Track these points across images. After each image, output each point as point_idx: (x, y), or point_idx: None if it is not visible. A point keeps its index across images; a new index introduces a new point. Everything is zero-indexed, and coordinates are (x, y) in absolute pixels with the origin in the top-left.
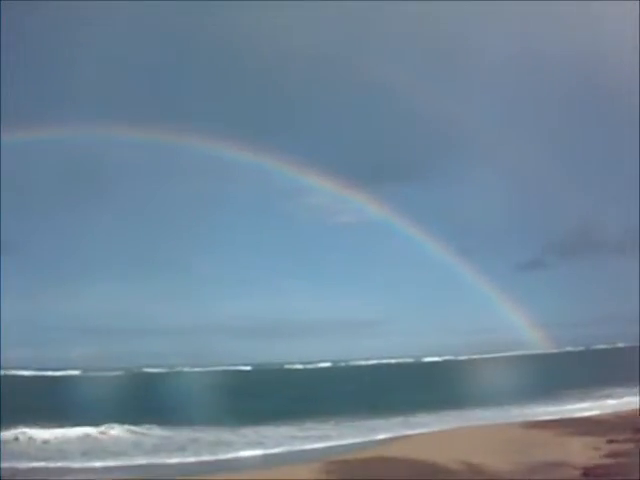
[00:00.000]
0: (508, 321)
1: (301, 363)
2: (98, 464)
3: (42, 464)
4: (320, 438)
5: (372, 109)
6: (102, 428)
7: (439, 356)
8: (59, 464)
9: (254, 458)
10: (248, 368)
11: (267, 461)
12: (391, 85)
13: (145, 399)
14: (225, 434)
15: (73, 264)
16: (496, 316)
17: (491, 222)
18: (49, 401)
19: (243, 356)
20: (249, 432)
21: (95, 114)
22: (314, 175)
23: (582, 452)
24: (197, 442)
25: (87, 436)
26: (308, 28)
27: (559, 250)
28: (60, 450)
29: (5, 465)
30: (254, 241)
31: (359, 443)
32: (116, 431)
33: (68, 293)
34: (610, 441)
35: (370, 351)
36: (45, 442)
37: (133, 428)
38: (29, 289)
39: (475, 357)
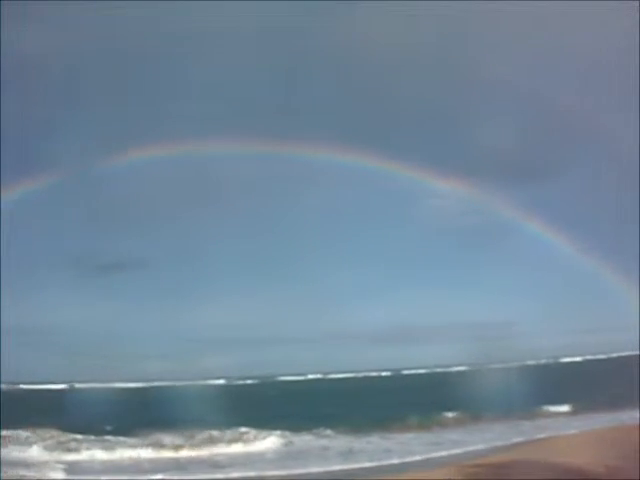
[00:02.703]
0: None
1: (436, 367)
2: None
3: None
4: (455, 443)
5: (492, 109)
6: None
7: (576, 356)
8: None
9: (391, 466)
10: (388, 373)
11: (403, 467)
12: (513, 83)
13: (278, 406)
14: (351, 441)
15: (202, 277)
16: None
17: (622, 222)
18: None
19: (375, 362)
20: (375, 439)
21: (211, 129)
22: (439, 178)
23: None
24: (328, 449)
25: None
26: (417, 29)
27: None
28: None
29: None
30: (380, 247)
31: (495, 447)
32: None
33: (200, 305)
34: None
35: (501, 353)
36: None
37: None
38: (161, 303)
39: (614, 356)
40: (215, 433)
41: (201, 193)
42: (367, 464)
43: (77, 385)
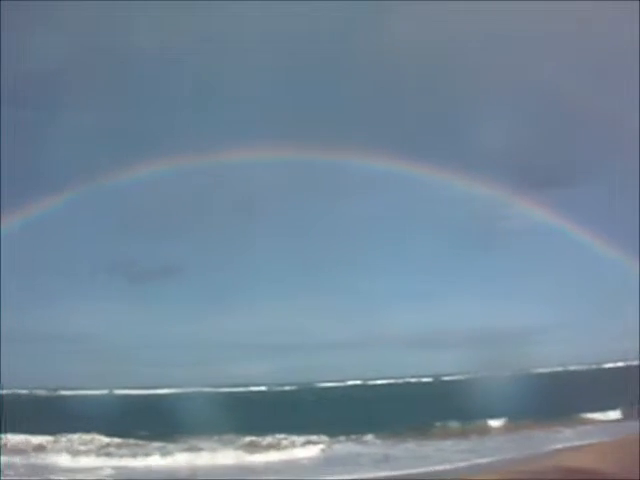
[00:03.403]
0: None
1: (477, 373)
2: None
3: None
4: (495, 450)
5: (533, 112)
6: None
7: (620, 361)
8: None
9: (425, 473)
10: (429, 379)
11: (438, 475)
12: (552, 86)
13: (317, 412)
14: (388, 448)
15: (237, 284)
16: None
17: None
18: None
19: (416, 368)
20: (412, 446)
21: (244, 136)
22: (478, 182)
23: None
24: (362, 456)
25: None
26: (448, 30)
27: None
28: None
29: None
30: (415, 251)
31: (536, 454)
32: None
33: (235, 312)
34: None
35: (544, 358)
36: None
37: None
38: (197, 310)
39: None
40: (253, 439)
41: (235, 200)
42: (401, 472)
43: (116, 391)
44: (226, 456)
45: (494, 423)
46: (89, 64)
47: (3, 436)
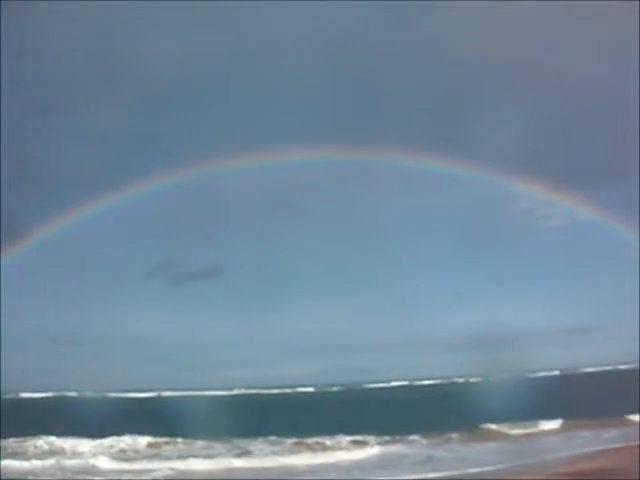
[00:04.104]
0: None
1: (527, 373)
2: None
3: None
4: (542, 451)
5: (574, 108)
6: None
7: None
8: None
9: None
10: (478, 379)
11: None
12: (594, 83)
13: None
14: (432, 449)
15: (281, 285)
16: None
17: None
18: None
19: (464, 368)
20: (456, 447)
21: (289, 137)
22: (521, 180)
23: None
24: (406, 457)
25: None
26: (495, 28)
27: None
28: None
29: None
30: (464, 250)
31: (583, 454)
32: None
33: (279, 313)
34: None
35: (588, 358)
36: None
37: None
38: (241, 311)
39: None
40: (300, 441)
41: (277, 201)
42: (444, 473)
43: (164, 394)
44: (273, 458)
45: (540, 424)
46: (124, 68)
47: (53, 439)
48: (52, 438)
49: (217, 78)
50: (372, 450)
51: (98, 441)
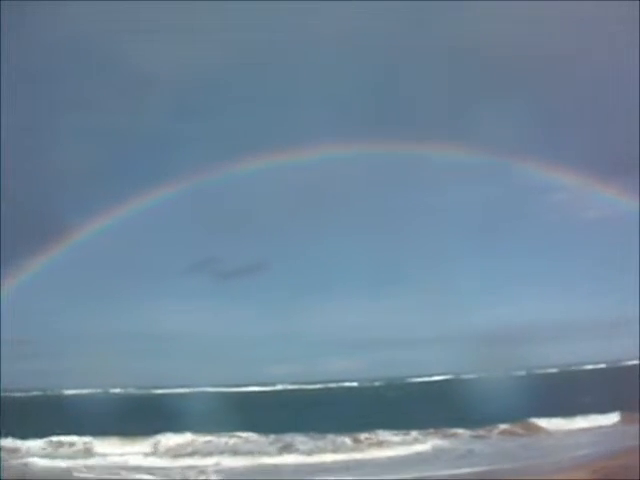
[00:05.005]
0: None
1: (570, 366)
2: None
3: None
4: (581, 446)
5: (607, 99)
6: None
7: None
8: None
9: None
10: (522, 373)
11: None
12: (622, 72)
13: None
14: (471, 443)
15: (324, 280)
16: None
17: None
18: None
19: (507, 362)
20: (495, 441)
21: (326, 133)
22: (560, 171)
23: None
24: (446, 452)
25: None
26: (532, 25)
27: None
28: None
29: None
30: (501, 244)
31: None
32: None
33: (323, 308)
34: None
35: (634, 350)
36: None
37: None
38: (284, 306)
39: None
40: (349, 436)
41: (319, 197)
42: (480, 468)
43: (205, 389)
44: (321, 454)
45: (594, 418)
46: (155, 70)
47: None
48: (89, 438)
49: (246, 75)
50: (423, 446)
51: (142, 438)
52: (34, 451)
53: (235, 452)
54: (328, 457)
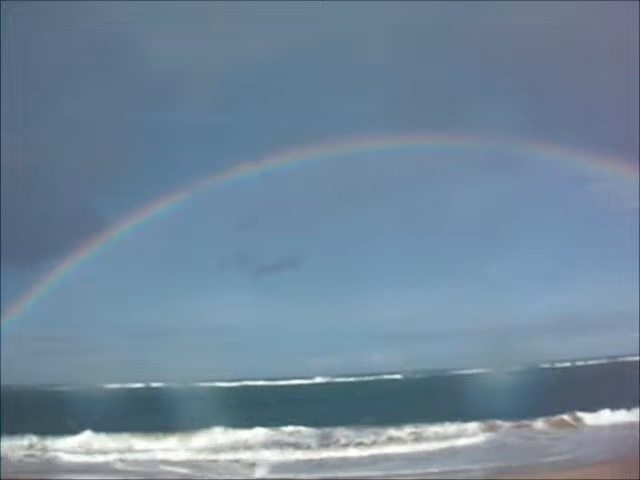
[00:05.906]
0: None
1: (614, 358)
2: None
3: None
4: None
5: None
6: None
7: None
8: None
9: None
10: (567, 364)
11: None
12: None
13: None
14: (505, 437)
15: (360, 273)
16: None
17: None
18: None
19: (548, 354)
20: (534, 434)
21: (365, 126)
22: (598, 162)
23: None
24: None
25: None
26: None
27: None
28: None
29: None
30: (543, 234)
31: None
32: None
33: (363, 301)
34: None
35: None
36: None
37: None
38: (324, 300)
39: None
40: (394, 431)
41: (355, 190)
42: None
43: (246, 382)
44: (364, 448)
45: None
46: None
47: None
48: (129, 432)
49: (285, 68)
50: (468, 439)
51: (187, 433)
52: (68, 447)
53: (280, 446)
54: (372, 450)
